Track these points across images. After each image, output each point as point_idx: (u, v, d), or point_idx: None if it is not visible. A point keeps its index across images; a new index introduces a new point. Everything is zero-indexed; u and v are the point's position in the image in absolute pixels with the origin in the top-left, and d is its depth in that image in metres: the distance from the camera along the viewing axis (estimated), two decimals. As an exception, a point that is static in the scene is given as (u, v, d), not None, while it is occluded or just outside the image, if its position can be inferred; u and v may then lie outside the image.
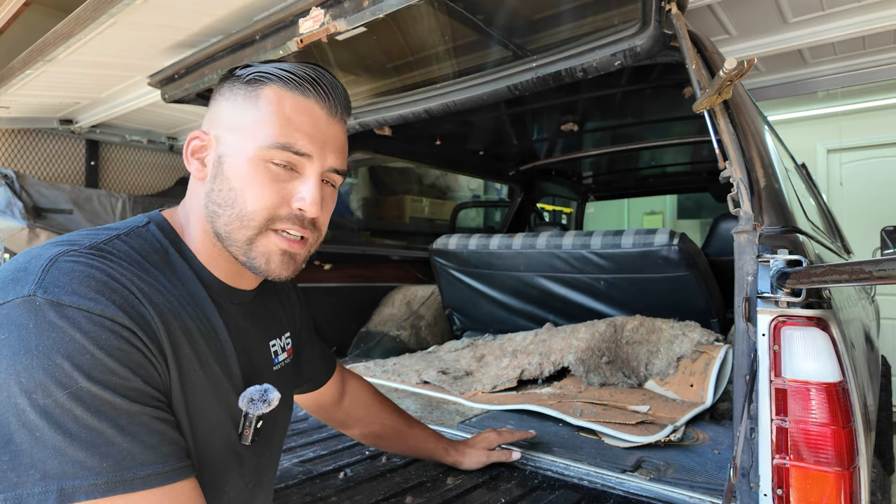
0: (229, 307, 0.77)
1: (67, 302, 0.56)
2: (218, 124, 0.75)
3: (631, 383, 1.80)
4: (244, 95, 0.73)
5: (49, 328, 0.55)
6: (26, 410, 0.53)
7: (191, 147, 0.75)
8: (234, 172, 0.71)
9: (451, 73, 1.67)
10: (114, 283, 0.60)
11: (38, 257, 0.60)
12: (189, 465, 0.62)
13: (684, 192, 4.85)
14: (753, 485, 0.89)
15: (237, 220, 0.71)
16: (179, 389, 0.65)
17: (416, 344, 2.65)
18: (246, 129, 0.71)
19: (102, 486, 0.53)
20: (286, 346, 0.91)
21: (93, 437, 0.54)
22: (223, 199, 0.72)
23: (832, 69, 2.16)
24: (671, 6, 1.12)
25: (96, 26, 1.37)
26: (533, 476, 1.26)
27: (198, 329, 0.69)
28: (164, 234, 0.73)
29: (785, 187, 1.09)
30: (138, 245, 0.68)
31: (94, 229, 0.69)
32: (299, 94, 0.72)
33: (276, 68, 0.73)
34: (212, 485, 0.70)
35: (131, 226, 0.72)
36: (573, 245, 2.01)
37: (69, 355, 0.55)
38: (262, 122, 0.71)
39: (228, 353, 0.73)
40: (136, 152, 3.06)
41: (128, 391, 0.57)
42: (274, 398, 0.78)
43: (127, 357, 0.58)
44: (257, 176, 0.70)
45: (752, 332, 0.93)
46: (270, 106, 0.71)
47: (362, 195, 4.91)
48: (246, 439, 0.75)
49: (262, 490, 0.84)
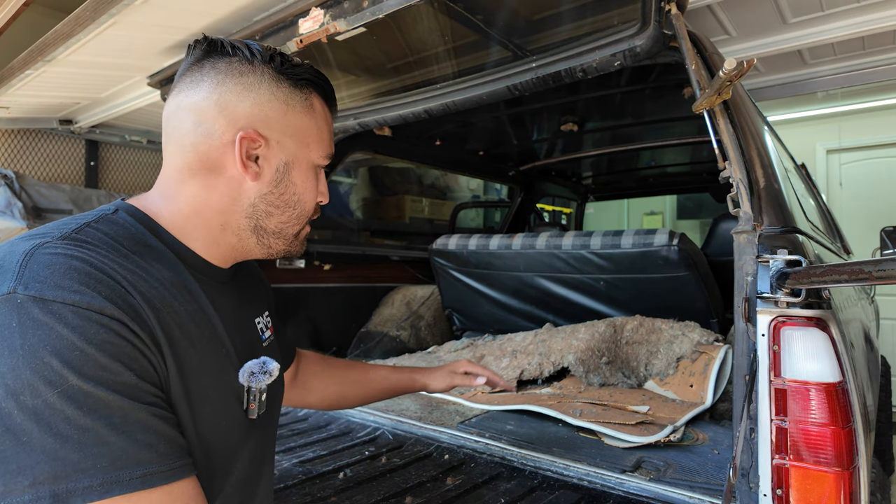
0: (215, 287, 0.76)
1: (51, 297, 0.54)
2: (274, 127, 0.72)
3: (630, 383, 1.80)
4: (300, 103, 0.75)
5: (34, 325, 0.52)
6: (13, 414, 0.50)
7: (245, 148, 0.71)
8: (300, 178, 0.77)
9: (451, 74, 1.67)
10: (98, 273, 0.58)
11: (11, 252, 0.57)
12: (188, 464, 0.60)
13: (684, 192, 4.85)
14: (753, 485, 0.90)
15: (296, 218, 0.79)
16: (178, 377, 0.63)
17: (416, 344, 2.65)
18: (308, 139, 0.77)
19: (98, 488, 0.51)
20: (268, 325, 0.90)
21: (86, 438, 0.51)
22: (285, 200, 0.76)
23: (832, 70, 2.16)
24: (671, 6, 1.12)
25: (96, 26, 1.37)
26: (533, 476, 1.26)
27: (186, 312, 0.67)
28: (136, 220, 0.70)
29: (784, 188, 1.09)
30: (112, 231, 0.65)
31: (61, 220, 0.66)
32: (330, 106, 0.82)
33: (313, 76, 0.77)
34: (222, 466, 0.69)
35: (99, 213, 0.68)
36: (573, 245, 2.01)
37: (58, 352, 0.52)
38: (319, 134, 0.78)
39: (220, 332, 0.72)
40: (135, 152, 3.06)
41: (121, 387, 0.55)
42: (274, 368, 0.79)
43: (119, 351, 0.55)
44: (311, 181, 0.79)
45: (751, 332, 0.93)
46: (321, 118, 0.79)
47: (362, 195, 4.91)
48: (252, 413, 0.74)
49: (267, 466, 0.84)
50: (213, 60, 0.72)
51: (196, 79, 0.71)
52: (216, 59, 0.72)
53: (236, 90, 0.70)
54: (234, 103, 0.70)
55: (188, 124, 0.71)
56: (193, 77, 0.72)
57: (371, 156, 2.81)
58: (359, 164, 4.45)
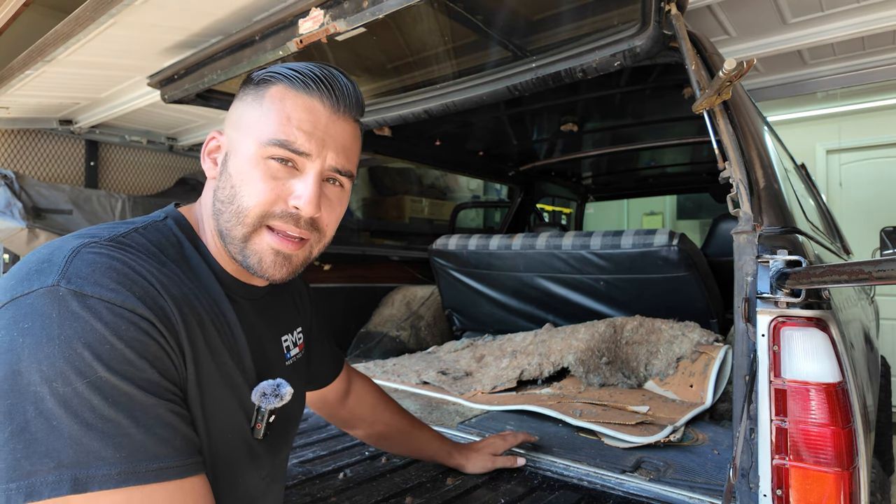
0: (242, 303, 0.78)
1: (90, 292, 0.57)
2: (229, 124, 0.77)
3: (630, 384, 1.80)
4: (253, 95, 0.74)
5: (71, 318, 0.56)
6: (45, 399, 0.53)
7: (208, 147, 0.78)
8: (235, 169, 0.72)
9: (451, 74, 1.67)
10: (134, 275, 0.61)
11: (60, 249, 0.61)
12: (200, 462, 0.62)
13: (684, 192, 4.85)
14: (753, 485, 0.89)
15: (234, 216, 0.71)
16: (195, 382, 0.65)
17: (416, 344, 2.65)
18: (249, 127, 0.73)
19: (115, 477, 0.53)
20: (298, 342, 0.92)
21: (109, 428, 0.54)
22: (225, 196, 0.73)
23: (831, 70, 2.16)
24: (671, 7, 1.12)
25: (96, 27, 1.37)
26: (533, 476, 1.26)
27: (212, 323, 0.70)
28: (180, 228, 0.75)
29: (784, 188, 1.09)
30: (156, 238, 0.70)
31: (114, 223, 0.70)
32: (303, 93, 0.72)
33: (285, 68, 0.74)
34: (225, 477, 0.70)
35: (149, 220, 0.73)
36: (573, 245, 2.01)
37: (90, 345, 0.55)
38: (264, 119, 0.71)
39: (242, 348, 0.74)
40: (135, 153, 3.06)
41: (144, 383, 0.58)
42: (286, 393, 0.79)
43: (145, 348, 0.59)
44: (254, 172, 0.71)
45: (751, 332, 0.93)
46: (273, 104, 0.72)
47: (362, 195, 4.91)
48: (258, 433, 0.75)
49: (277, 483, 0.84)
50: None
51: None
52: None
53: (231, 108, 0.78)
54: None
55: None
56: None
57: (371, 156, 2.80)
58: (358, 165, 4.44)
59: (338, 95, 0.74)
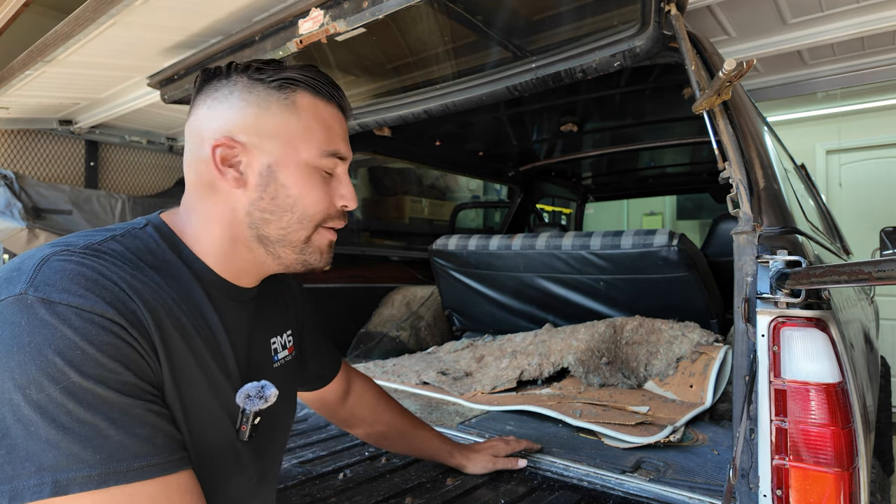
0: (229, 304, 0.78)
1: (58, 299, 0.58)
2: (250, 131, 0.73)
3: (630, 384, 1.80)
4: (277, 103, 0.74)
5: (40, 325, 0.56)
6: (21, 406, 0.54)
7: (218, 155, 0.73)
8: (290, 180, 0.75)
9: (451, 74, 1.67)
10: (104, 281, 0.61)
11: (31, 258, 0.62)
12: (184, 458, 0.62)
13: (684, 192, 4.85)
14: (753, 485, 0.89)
15: (297, 222, 0.76)
16: (172, 384, 0.65)
17: (416, 344, 2.65)
18: (293, 138, 0.75)
19: (96, 478, 0.54)
20: (287, 344, 0.91)
21: (86, 431, 0.55)
22: (279, 205, 0.75)
23: (831, 70, 2.16)
24: (670, 7, 1.12)
25: (96, 27, 1.37)
26: (532, 477, 1.26)
27: (193, 326, 0.70)
28: (160, 235, 0.74)
29: (784, 188, 1.09)
30: (133, 245, 0.70)
31: (92, 231, 0.70)
32: (327, 101, 0.78)
33: (299, 74, 0.76)
34: (210, 479, 0.70)
35: (128, 227, 0.73)
36: (573, 246, 2.01)
37: (60, 351, 0.56)
38: (309, 131, 0.76)
39: (225, 350, 0.75)
40: (135, 153, 3.06)
41: (120, 385, 0.58)
42: (271, 395, 0.79)
43: (118, 352, 0.59)
44: (312, 181, 0.76)
45: (751, 332, 0.93)
46: (309, 114, 0.76)
47: (362, 196, 4.91)
48: (243, 435, 0.76)
49: (266, 486, 0.84)
50: (205, 86, 0.78)
51: (192, 106, 0.78)
52: (206, 84, 0.78)
53: (213, 105, 0.76)
54: (210, 118, 0.75)
55: (188, 147, 0.78)
56: (192, 105, 0.79)
57: (371, 156, 2.80)
58: (358, 165, 4.44)
59: (341, 96, 0.81)
